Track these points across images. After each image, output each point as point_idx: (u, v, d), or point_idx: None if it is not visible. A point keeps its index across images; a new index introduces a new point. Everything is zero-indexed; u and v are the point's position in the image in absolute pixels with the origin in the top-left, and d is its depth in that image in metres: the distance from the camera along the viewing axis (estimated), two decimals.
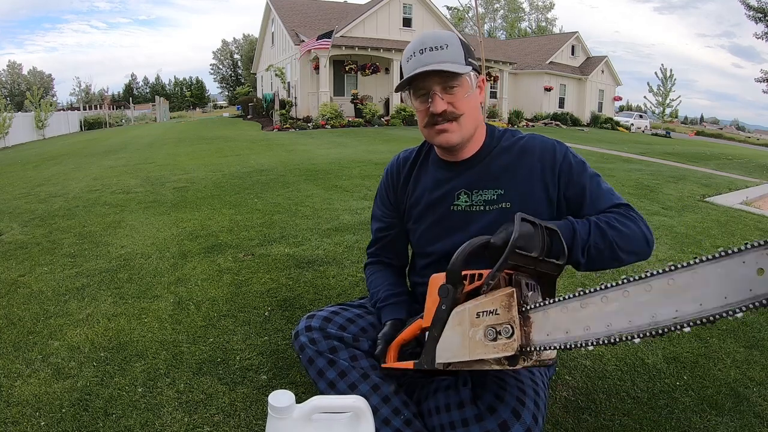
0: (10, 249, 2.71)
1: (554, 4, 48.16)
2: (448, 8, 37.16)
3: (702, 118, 68.74)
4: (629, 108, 43.07)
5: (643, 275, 0.70)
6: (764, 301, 0.58)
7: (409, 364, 0.98)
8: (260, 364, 1.51)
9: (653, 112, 35.20)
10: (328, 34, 14.31)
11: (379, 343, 1.09)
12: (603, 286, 0.73)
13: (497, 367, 0.81)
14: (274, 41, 21.02)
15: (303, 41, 16.46)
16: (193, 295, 2.02)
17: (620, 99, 28.49)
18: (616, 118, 24.57)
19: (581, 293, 0.75)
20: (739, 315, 0.60)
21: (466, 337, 0.83)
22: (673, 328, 0.65)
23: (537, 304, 0.79)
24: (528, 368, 1.07)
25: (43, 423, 1.23)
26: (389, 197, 1.28)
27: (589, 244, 0.96)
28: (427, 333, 0.93)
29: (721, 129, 44.18)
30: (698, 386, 1.48)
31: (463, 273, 0.87)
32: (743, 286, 0.61)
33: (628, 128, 23.62)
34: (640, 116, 28.65)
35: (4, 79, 51.99)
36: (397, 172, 1.26)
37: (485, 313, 0.81)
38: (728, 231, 3.37)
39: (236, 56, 55.46)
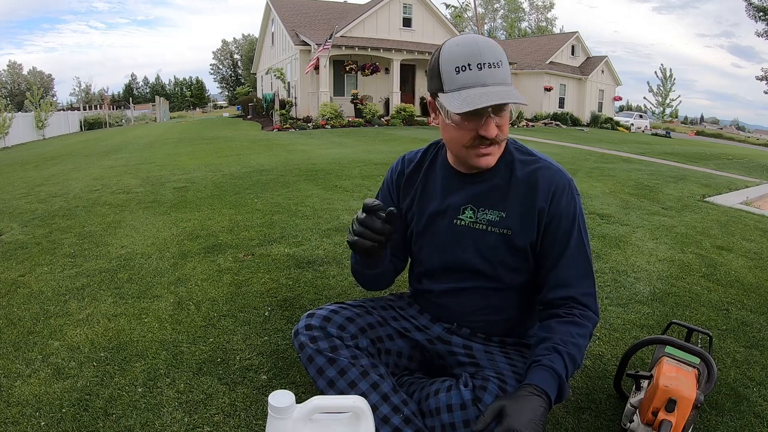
0: (10, 249, 2.71)
1: (554, 4, 48.20)
2: (447, 6, 37.05)
3: (702, 118, 68.66)
4: (629, 108, 43.10)
5: None
6: None
7: None
8: (260, 364, 1.51)
9: (653, 112, 35.29)
10: (329, 38, 14.31)
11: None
12: None
13: None
14: (274, 41, 21.02)
15: (303, 41, 16.47)
16: (193, 295, 2.02)
17: (620, 99, 28.48)
18: (616, 118, 24.55)
19: None
20: None
21: None
22: None
23: None
24: None
25: (43, 423, 1.23)
26: (392, 194, 1.26)
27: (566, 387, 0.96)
28: None
29: (721, 129, 44.17)
30: None
31: None
32: None
33: (628, 128, 23.60)
34: (640, 116, 28.65)
35: (4, 79, 51.99)
36: (400, 173, 1.24)
37: None
38: (728, 231, 3.37)
39: (236, 56, 55.52)
